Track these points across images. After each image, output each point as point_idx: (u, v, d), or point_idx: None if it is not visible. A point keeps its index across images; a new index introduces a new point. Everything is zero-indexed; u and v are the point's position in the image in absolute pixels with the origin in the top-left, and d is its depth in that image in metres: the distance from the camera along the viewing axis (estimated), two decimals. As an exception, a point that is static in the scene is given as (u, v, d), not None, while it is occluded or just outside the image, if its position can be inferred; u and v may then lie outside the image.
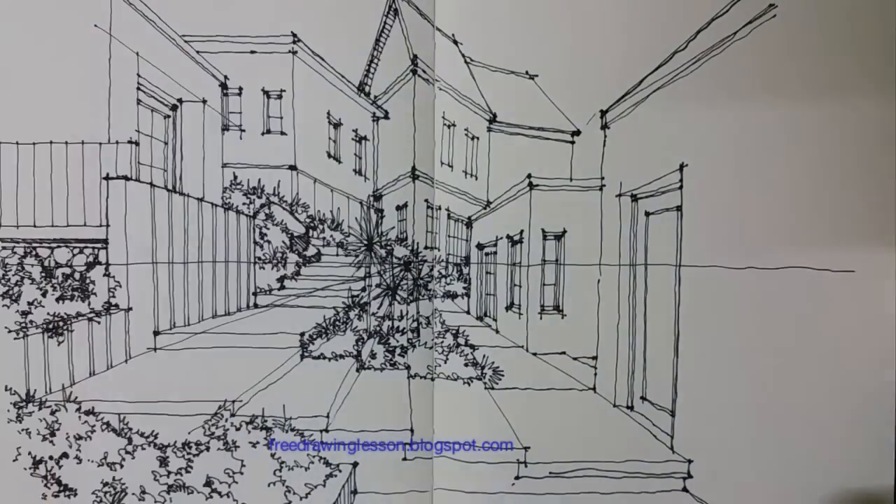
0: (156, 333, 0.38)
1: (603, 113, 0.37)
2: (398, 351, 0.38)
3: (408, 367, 0.37)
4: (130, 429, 0.37)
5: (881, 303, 0.37)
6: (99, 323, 0.38)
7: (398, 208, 0.38)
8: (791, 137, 0.37)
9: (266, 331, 0.38)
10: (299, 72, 0.37)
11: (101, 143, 0.37)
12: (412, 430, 0.37)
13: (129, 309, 0.37)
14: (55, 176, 0.37)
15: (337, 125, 0.37)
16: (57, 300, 0.37)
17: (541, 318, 0.38)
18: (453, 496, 0.37)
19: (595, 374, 0.38)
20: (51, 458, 0.37)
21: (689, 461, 0.37)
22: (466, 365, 0.38)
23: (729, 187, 0.37)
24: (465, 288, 0.38)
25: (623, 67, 0.37)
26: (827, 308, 0.37)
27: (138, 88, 0.37)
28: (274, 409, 0.37)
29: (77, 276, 0.38)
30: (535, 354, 0.38)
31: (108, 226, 0.37)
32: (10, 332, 0.37)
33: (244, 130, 0.37)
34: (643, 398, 0.38)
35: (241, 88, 0.37)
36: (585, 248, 0.37)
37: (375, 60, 0.37)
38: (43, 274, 0.37)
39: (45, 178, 0.37)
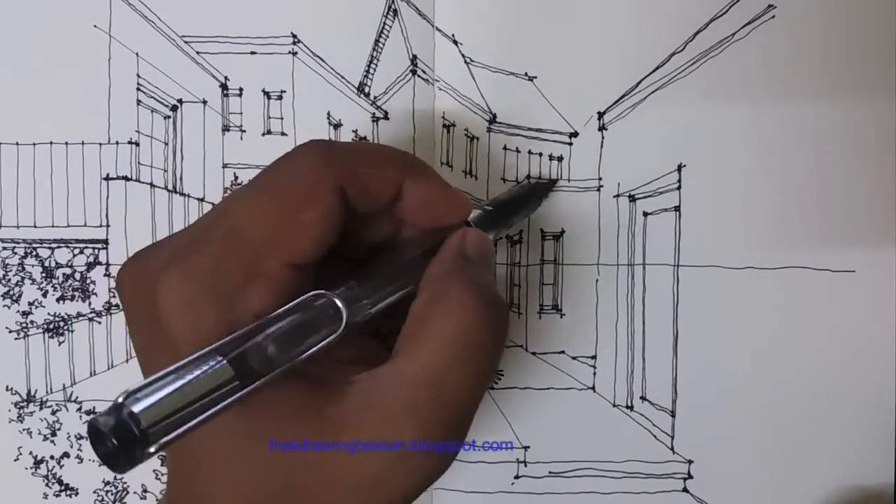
0: (156, 333, 0.38)
1: (601, 115, 0.37)
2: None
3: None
4: (131, 428, 0.37)
5: (882, 303, 0.37)
6: (100, 323, 0.38)
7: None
8: (790, 137, 0.37)
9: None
10: (299, 73, 0.36)
11: (101, 144, 0.37)
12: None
13: (130, 309, 0.37)
14: (55, 176, 0.37)
15: (337, 126, 0.37)
16: (58, 300, 0.37)
17: (540, 318, 0.38)
18: (452, 495, 0.37)
19: (594, 374, 0.38)
20: (52, 457, 0.37)
21: (690, 461, 0.37)
22: (466, 365, 0.38)
23: (728, 187, 0.37)
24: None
25: (621, 70, 0.37)
26: (827, 308, 0.37)
27: (138, 89, 0.37)
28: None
29: (78, 276, 0.37)
30: (534, 354, 0.38)
31: (108, 226, 0.37)
32: (10, 332, 0.37)
33: (245, 131, 0.37)
34: (643, 398, 0.38)
35: (241, 89, 0.37)
36: (584, 249, 0.37)
37: (375, 61, 0.36)
38: (43, 274, 0.37)
39: (46, 179, 0.37)
